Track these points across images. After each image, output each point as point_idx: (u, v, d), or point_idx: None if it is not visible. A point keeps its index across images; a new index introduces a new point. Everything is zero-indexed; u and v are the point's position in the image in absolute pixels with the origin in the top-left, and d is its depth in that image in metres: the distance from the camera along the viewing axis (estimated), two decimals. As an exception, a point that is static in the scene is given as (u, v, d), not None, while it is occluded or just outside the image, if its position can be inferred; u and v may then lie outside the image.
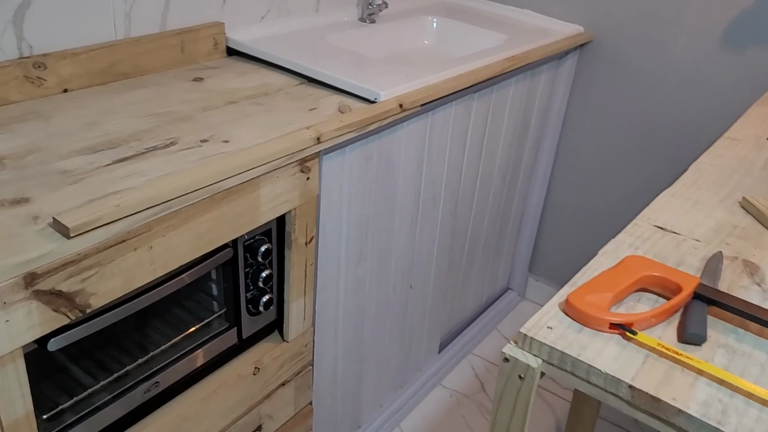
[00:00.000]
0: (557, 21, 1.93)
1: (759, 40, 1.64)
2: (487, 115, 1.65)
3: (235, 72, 1.36)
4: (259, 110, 1.19)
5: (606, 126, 1.96)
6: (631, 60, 1.84)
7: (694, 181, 0.99)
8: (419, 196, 1.51)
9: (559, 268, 2.22)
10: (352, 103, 1.26)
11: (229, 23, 1.45)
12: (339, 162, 1.22)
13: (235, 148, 1.04)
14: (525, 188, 2.06)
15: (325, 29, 1.62)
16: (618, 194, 2.01)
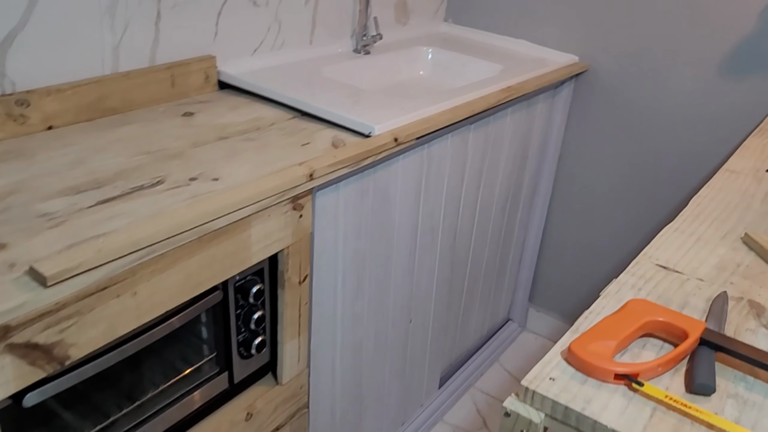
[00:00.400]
0: (552, 51, 1.91)
1: (758, 69, 1.63)
2: (484, 146, 1.62)
3: (226, 106, 1.34)
4: (251, 146, 1.16)
5: (604, 155, 1.93)
6: (628, 89, 1.83)
7: (695, 216, 0.96)
8: (417, 228, 1.48)
9: (559, 298, 2.18)
10: (346, 137, 1.23)
11: (220, 56, 1.43)
12: (333, 198, 1.19)
13: (225, 186, 1.01)
14: (525, 218, 2.03)
15: (319, 61, 1.60)
16: (617, 223, 1.98)
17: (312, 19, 1.62)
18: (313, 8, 1.61)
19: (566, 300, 2.17)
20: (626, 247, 1.98)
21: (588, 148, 1.96)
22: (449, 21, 2.08)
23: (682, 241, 0.89)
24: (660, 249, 0.87)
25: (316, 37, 1.65)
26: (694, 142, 1.77)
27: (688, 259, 0.85)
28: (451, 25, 2.07)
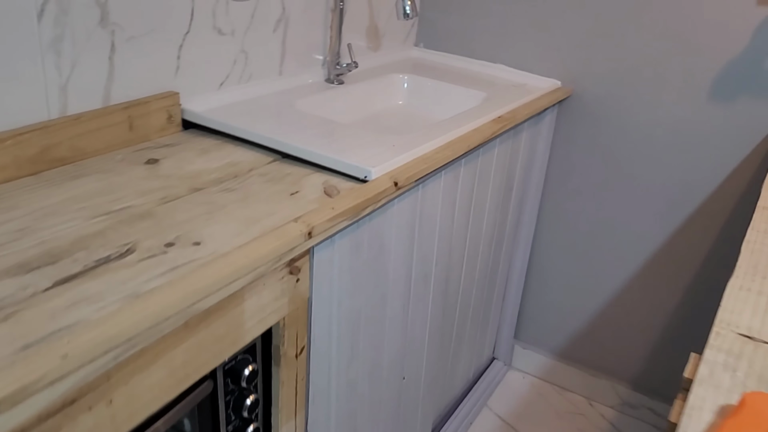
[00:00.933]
0: (533, 75, 1.81)
1: (748, 91, 1.56)
2: (473, 180, 1.50)
3: (195, 150, 1.17)
4: (232, 198, 0.99)
5: (590, 184, 1.84)
6: (614, 115, 1.74)
7: (755, 269, 0.85)
8: (411, 278, 1.33)
9: (545, 333, 2.07)
10: (338, 182, 1.08)
11: (184, 92, 1.26)
12: (328, 254, 1.03)
13: (210, 252, 0.84)
14: (509, 252, 1.91)
15: (291, 94, 1.45)
16: (605, 254, 1.88)
17: (281, 48, 1.47)
18: (282, 36, 1.46)
19: (552, 335, 2.05)
20: (614, 278, 1.89)
21: (573, 177, 1.86)
22: (420, 45, 1.96)
23: (754, 302, 0.77)
24: (734, 313, 0.74)
25: (285, 67, 1.50)
26: (684, 169, 1.69)
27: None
28: (422, 49, 1.95)
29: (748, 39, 1.53)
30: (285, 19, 1.45)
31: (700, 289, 1.77)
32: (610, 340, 1.96)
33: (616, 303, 1.91)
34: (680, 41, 1.60)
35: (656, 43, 1.63)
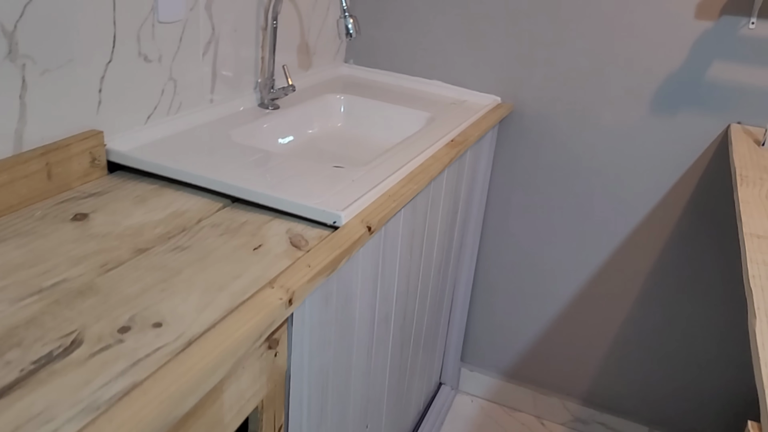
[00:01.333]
0: (471, 92, 1.75)
1: (688, 104, 1.56)
2: (427, 208, 1.41)
3: (129, 198, 1.01)
4: (186, 259, 0.85)
5: (532, 201, 1.80)
6: (555, 131, 1.70)
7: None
8: (374, 321, 1.23)
9: (492, 354, 2.01)
10: (303, 230, 0.96)
11: (108, 130, 1.10)
12: (301, 314, 0.90)
13: (177, 335, 0.70)
14: (454, 275, 1.84)
15: (225, 123, 1.31)
16: (549, 271, 1.85)
17: (212, 74, 1.32)
18: (212, 60, 1.31)
19: (499, 355, 2.00)
20: (559, 296, 1.86)
21: (515, 195, 1.81)
22: (350, 62, 1.86)
23: (791, 349, 0.72)
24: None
25: (217, 93, 1.35)
26: (627, 183, 1.68)
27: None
28: (353, 66, 1.84)
29: (686, 52, 1.53)
30: (215, 41, 1.31)
31: (645, 302, 1.77)
32: (558, 357, 1.93)
33: (563, 319, 1.88)
34: (619, 55, 1.58)
35: (595, 57, 1.61)
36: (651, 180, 1.66)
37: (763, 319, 0.77)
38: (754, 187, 1.17)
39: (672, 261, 1.70)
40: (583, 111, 1.66)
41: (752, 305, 0.81)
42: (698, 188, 1.62)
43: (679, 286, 1.72)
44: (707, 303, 1.70)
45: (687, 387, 1.80)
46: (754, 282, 0.86)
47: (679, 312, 1.74)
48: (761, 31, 1.45)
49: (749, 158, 1.32)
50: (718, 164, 1.58)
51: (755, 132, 1.48)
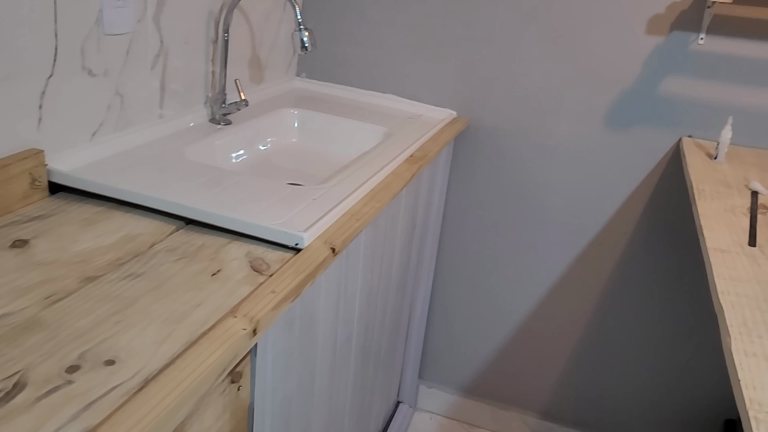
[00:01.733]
0: (426, 106, 1.73)
1: (642, 117, 1.58)
2: (386, 225, 1.38)
3: (75, 222, 0.95)
4: (140, 288, 0.79)
5: (490, 215, 1.79)
6: (511, 144, 1.70)
7: (746, 326, 0.80)
8: (336, 343, 1.18)
9: (450, 370, 1.99)
10: (264, 252, 0.91)
11: (49, 148, 1.03)
12: (263, 344, 0.86)
13: (133, 373, 0.64)
14: (411, 291, 1.81)
15: (176, 140, 1.25)
16: (507, 286, 1.84)
17: (161, 88, 1.26)
18: (160, 74, 1.25)
19: (457, 372, 1.98)
20: (516, 310, 1.85)
21: (471, 210, 1.80)
22: (303, 76, 1.81)
23: (766, 368, 0.71)
24: (758, 389, 0.68)
25: (166, 109, 1.29)
26: (585, 196, 1.69)
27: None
28: (306, 80, 1.80)
29: (638, 68, 1.55)
30: (164, 54, 1.25)
31: (603, 314, 1.77)
32: (516, 372, 1.92)
33: (520, 334, 1.87)
34: (573, 69, 1.59)
35: (549, 72, 1.61)
36: (606, 194, 1.67)
37: (737, 338, 0.77)
38: (712, 200, 1.18)
39: (627, 274, 1.72)
40: (538, 126, 1.66)
41: (724, 323, 0.80)
42: (652, 201, 1.63)
43: (634, 298, 1.73)
44: (663, 315, 1.72)
45: (643, 398, 1.81)
46: (724, 298, 0.86)
47: (634, 325, 1.75)
48: (710, 46, 1.48)
49: (704, 172, 1.33)
50: (671, 177, 1.60)
51: (706, 145, 1.51)
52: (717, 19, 1.46)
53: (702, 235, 1.05)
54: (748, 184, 1.28)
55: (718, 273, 0.92)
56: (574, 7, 1.55)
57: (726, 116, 1.52)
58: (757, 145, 1.52)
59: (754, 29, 1.45)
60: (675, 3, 1.48)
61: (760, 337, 0.78)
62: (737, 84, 1.49)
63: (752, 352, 0.74)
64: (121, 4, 1.11)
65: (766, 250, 1.01)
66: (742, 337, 0.77)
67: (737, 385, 0.69)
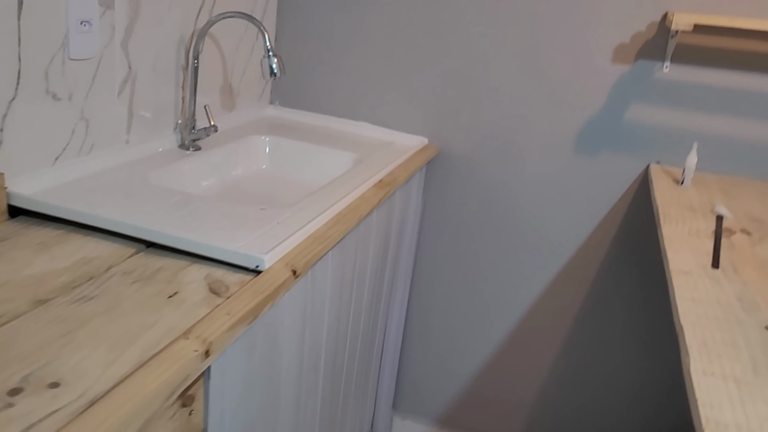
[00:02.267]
0: (398, 133, 1.74)
1: (609, 144, 1.60)
2: (356, 250, 1.37)
3: (31, 246, 0.93)
4: (92, 310, 0.78)
5: (464, 240, 1.79)
6: (483, 171, 1.71)
7: (706, 346, 0.80)
8: (302, 371, 1.17)
9: (425, 400, 1.97)
10: (224, 275, 0.90)
11: (10, 172, 1.02)
12: (220, 367, 0.84)
13: (76, 396, 0.63)
14: (385, 319, 1.79)
15: (142, 165, 1.24)
16: (481, 313, 1.83)
17: (128, 114, 1.26)
18: (128, 100, 1.25)
19: (432, 401, 1.96)
20: (490, 339, 1.84)
21: (444, 236, 1.80)
22: (276, 104, 1.82)
23: (725, 390, 0.71)
24: (714, 408, 0.68)
25: (133, 134, 1.29)
26: (556, 221, 1.69)
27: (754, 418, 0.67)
28: (278, 108, 1.81)
29: (605, 95, 1.57)
30: (131, 80, 1.25)
31: (579, 340, 1.77)
32: (492, 400, 1.90)
33: (495, 362, 1.86)
34: (541, 97, 1.61)
35: (519, 100, 1.63)
36: (577, 220, 1.67)
37: (696, 358, 0.77)
38: (677, 224, 1.19)
39: (601, 298, 1.72)
40: (509, 153, 1.67)
41: (684, 343, 0.80)
42: (622, 227, 1.64)
43: (608, 322, 1.73)
44: (637, 338, 1.72)
45: (622, 422, 1.80)
46: (685, 319, 0.85)
47: (610, 348, 1.75)
48: (675, 74, 1.51)
49: (670, 197, 1.34)
50: (641, 203, 1.61)
51: (674, 171, 1.53)
52: (680, 47, 1.49)
53: (666, 258, 1.06)
54: (713, 209, 1.29)
55: (680, 294, 0.92)
56: (541, 36, 1.57)
57: (692, 143, 1.54)
58: (723, 171, 1.54)
59: (716, 57, 1.48)
60: (639, 33, 1.51)
61: (719, 357, 0.77)
62: (702, 111, 1.52)
63: (710, 372, 0.74)
64: (86, 30, 1.11)
65: (728, 273, 1.02)
66: (701, 357, 0.77)
67: (695, 404, 0.69)
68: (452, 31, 1.64)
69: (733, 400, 0.69)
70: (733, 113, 1.50)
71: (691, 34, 1.47)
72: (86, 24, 1.10)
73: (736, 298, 0.93)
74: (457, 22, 1.63)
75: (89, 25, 1.11)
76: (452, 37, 1.64)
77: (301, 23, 1.74)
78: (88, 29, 1.11)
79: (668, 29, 1.48)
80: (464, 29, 1.63)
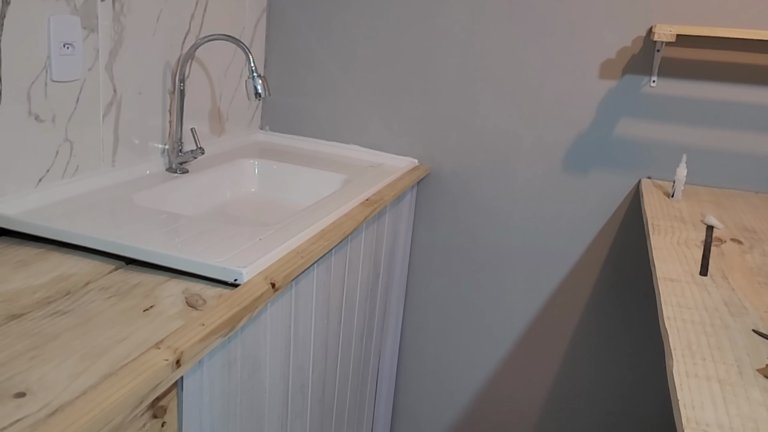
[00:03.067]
0: (388, 155, 1.74)
1: (598, 161, 1.59)
2: (344, 270, 1.36)
3: (10, 263, 0.92)
4: (66, 324, 0.77)
5: (456, 260, 1.77)
6: (473, 190, 1.70)
7: (690, 348, 0.78)
8: (288, 392, 1.15)
9: (423, 427, 1.93)
10: (202, 289, 0.89)
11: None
12: (197, 381, 0.83)
13: (41, 405, 0.61)
14: (379, 343, 1.77)
15: (127, 187, 1.24)
16: (478, 335, 1.80)
17: (114, 136, 1.26)
18: (113, 122, 1.26)
19: (430, 428, 1.92)
20: (488, 361, 1.81)
21: (438, 256, 1.79)
22: (266, 129, 1.83)
23: (709, 391, 0.69)
24: (696, 408, 0.66)
25: (119, 157, 1.29)
26: (548, 239, 1.68)
27: (733, 415, 0.65)
28: (269, 133, 1.81)
29: (594, 111, 1.57)
30: (117, 103, 1.26)
31: (576, 359, 1.74)
32: (491, 425, 1.86)
33: (494, 384, 1.83)
34: (530, 116, 1.61)
35: (508, 118, 1.63)
36: (569, 236, 1.66)
37: (680, 360, 0.75)
38: (665, 234, 1.18)
39: (595, 317, 1.69)
40: (499, 171, 1.67)
41: (668, 346, 0.78)
42: (615, 242, 1.63)
43: (604, 341, 1.70)
44: (635, 355, 1.69)
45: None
46: (669, 323, 0.84)
47: (608, 368, 1.72)
48: (662, 88, 1.51)
49: (660, 209, 1.33)
50: (633, 219, 1.60)
51: (664, 185, 1.52)
52: (666, 61, 1.49)
53: (653, 266, 1.04)
54: (703, 219, 1.28)
55: (666, 300, 0.91)
56: (528, 54, 1.58)
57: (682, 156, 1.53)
58: (715, 184, 1.53)
59: (702, 70, 1.48)
60: (625, 48, 1.52)
61: (704, 359, 0.75)
62: (692, 124, 1.52)
63: (694, 374, 0.72)
64: (69, 52, 1.12)
65: (717, 279, 1.00)
66: (684, 360, 0.75)
67: (676, 405, 0.67)
68: (438, 53, 1.65)
69: (716, 400, 0.67)
70: (723, 126, 1.50)
71: (676, 47, 1.48)
72: (69, 46, 1.11)
73: (723, 303, 0.92)
74: (443, 42, 1.64)
75: (72, 48, 1.12)
76: (439, 57, 1.65)
77: (289, 49, 1.76)
78: (71, 51, 1.12)
79: (654, 43, 1.49)
80: (450, 50, 1.64)
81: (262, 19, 1.74)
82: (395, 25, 1.67)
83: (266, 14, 1.75)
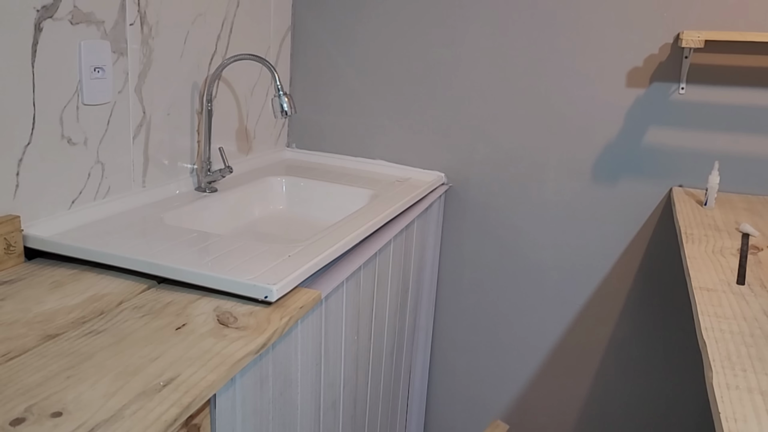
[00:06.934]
0: (414, 169, 1.74)
1: (628, 170, 1.57)
2: (373, 286, 1.35)
3: (45, 284, 0.94)
4: (99, 343, 0.78)
5: (484, 274, 1.76)
6: (501, 205, 1.69)
7: (729, 360, 0.76)
8: (320, 408, 1.14)
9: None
10: (233, 307, 0.90)
11: (26, 215, 1.04)
12: (230, 399, 0.83)
13: (77, 425, 0.62)
14: (409, 358, 1.76)
15: (158, 207, 1.25)
16: (509, 349, 1.78)
17: (144, 157, 1.28)
18: (143, 144, 1.28)
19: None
20: (520, 375, 1.79)
21: (467, 269, 1.78)
22: (293, 146, 1.84)
23: (751, 403, 0.67)
24: (739, 421, 0.64)
25: (149, 177, 1.31)
26: (578, 251, 1.66)
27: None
28: (295, 150, 1.83)
29: (622, 120, 1.56)
30: (146, 124, 1.28)
31: (610, 374, 1.71)
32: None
33: (527, 399, 1.80)
34: (556, 126, 1.60)
35: (534, 129, 1.62)
36: (600, 248, 1.64)
37: (719, 372, 0.73)
38: (699, 243, 1.16)
39: (628, 330, 1.66)
40: (526, 184, 1.66)
41: (707, 358, 0.76)
42: (647, 253, 1.60)
43: (637, 354, 1.67)
44: (669, 368, 1.65)
45: (659, 463, 1.72)
46: (707, 334, 0.82)
47: (646, 376, 1.68)
48: (691, 95, 1.49)
49: (693, 218, 1.31)
50: (665, 228, 1.58)
51: (697, 194, 1.49)
52: (695, 68, 1.47)
53: (688, 276, 1.02)
54: (738, 227, 1.25)
55: (702, 310, 0.89)
56: (553, 65, 1.57)
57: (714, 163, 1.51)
58: (748, 191, 1.50)
59: (732, 76, 1.46)
60: (653, 55, 1.50)
61: (744, 371, 0.74)
62: (723, 131, 1.49)
63: (735, 385, 0.70)
64: (100, 76, 1.14)
65: (755, 288, 0.98)
66: (724, 371, 0.73)
67: (717, 418, 0.65)
68: (464, 66, 1.65)
69: (759, 413, 0.65)
70: (755, 131, 1.47)
71: (705, 53, 1.46)
72: (99, 70, 1.13)
73: (763, 312, 0.89)
74: (468, 56, 1.64)
75: (102, 71, 1.14)
76: (464, 71, 1.65)
77: (314, 66, 1.78)
78: (101, 75, 1.14)
79: (681, 50, 1.47)
80: (475, 63, 1.64)
81: (287, 38, 1.76)
82: (419, 39, 1.67)
83: (290, 33, 1.77)
